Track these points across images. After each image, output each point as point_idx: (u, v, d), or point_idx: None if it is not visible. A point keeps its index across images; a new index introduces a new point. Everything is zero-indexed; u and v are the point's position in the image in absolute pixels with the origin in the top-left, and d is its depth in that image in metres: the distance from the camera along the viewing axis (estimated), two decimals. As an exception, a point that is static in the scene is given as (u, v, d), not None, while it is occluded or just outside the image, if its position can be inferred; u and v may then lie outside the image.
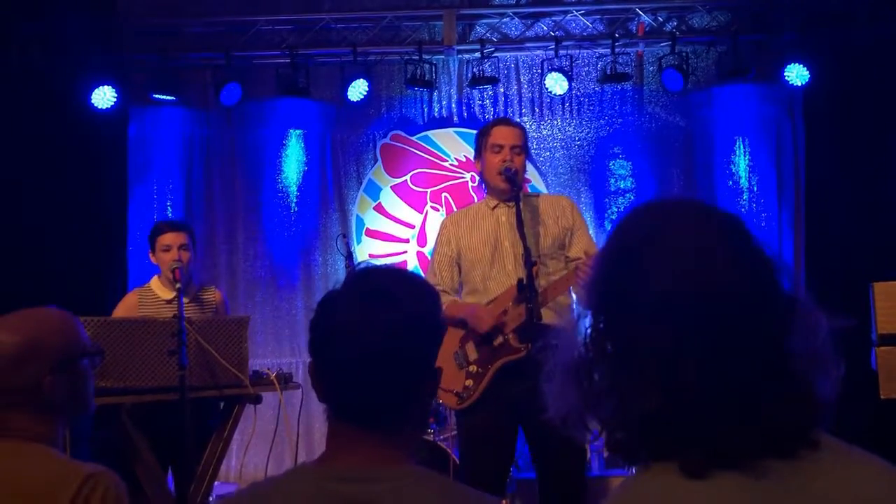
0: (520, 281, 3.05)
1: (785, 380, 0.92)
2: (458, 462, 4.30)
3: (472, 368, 3.22)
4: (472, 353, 3.23)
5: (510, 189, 3.26)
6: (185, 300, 3.95)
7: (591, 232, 5.79)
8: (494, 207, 3.39)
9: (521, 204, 3.19)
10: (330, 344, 1.34)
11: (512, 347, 3.17)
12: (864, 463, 0.93)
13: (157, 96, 5.78)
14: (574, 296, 3.26)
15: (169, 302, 3.96)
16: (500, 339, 3.19)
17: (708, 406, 0.90)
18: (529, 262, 3.04)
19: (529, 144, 3.57)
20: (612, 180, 6.08)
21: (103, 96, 5.66)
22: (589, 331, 0.99)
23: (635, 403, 0.92)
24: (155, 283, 4.07)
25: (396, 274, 1.42)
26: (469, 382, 3.21)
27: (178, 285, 3.66)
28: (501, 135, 3.37)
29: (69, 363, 1.74)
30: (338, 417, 1.35)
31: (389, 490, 1.27)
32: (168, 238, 3.95)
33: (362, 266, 1.45)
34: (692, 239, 0.96)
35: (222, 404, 3.73)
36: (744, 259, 0.95)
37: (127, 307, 3.99)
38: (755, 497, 0.88)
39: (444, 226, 3.49)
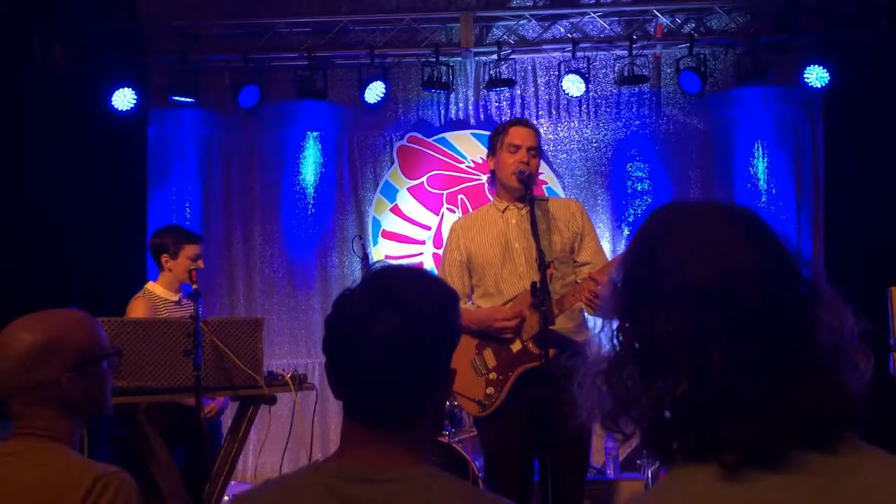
0: (533, 284, 3.04)
1: (812, 370, 0.91)
2: (472, 463, 4.31)
3: (492, 376, 3.20)
4: (491, 360, 3.22)
5: (523, 191, 3.26)
6: (184, 302, 4.08)
7: (607, 234, 5.91)
8: (504, 210, 3.38)
9: (534, 207, 3.19)
10: (342, 343, 1.34)
11: (532, 354, 3.15)
12: None
13: (176, 98, 5.84)
14: (585, 310, 3.24)
15: (177, 303, 4.19)
16: (519, 346, 3.19)
17: (737, 395, 0.90)
18: (543, 264, 3.03)
19: (546, 147, 3.57)
20: (630, 183, 6.05)
21: (123, 98, 5.73)
22: (616, 331, 1.00)
23: (666, 396, 0.92)
24: (155, 287, 4.22)
25: (412, 274, 1.41)
26: (490, 390, 3.19)
27: (195, 286, 3.69)
28: (519, 135, 3.36)
29: (89, 363, 1.76)
30: (350, 415, 1.34)
31: (399, 491, 1.26)
32: (194, 249, 4.19)
33: (379, 265, 1.44)
34: (712, 230, 0.98)
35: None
36: (764, 248, 0.96)
37: (144, 313, 4.08)
38: (793, 496, 0.88)
39: (453, 230, 3.48)
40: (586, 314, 3.30)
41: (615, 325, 1.01)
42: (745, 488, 0.88)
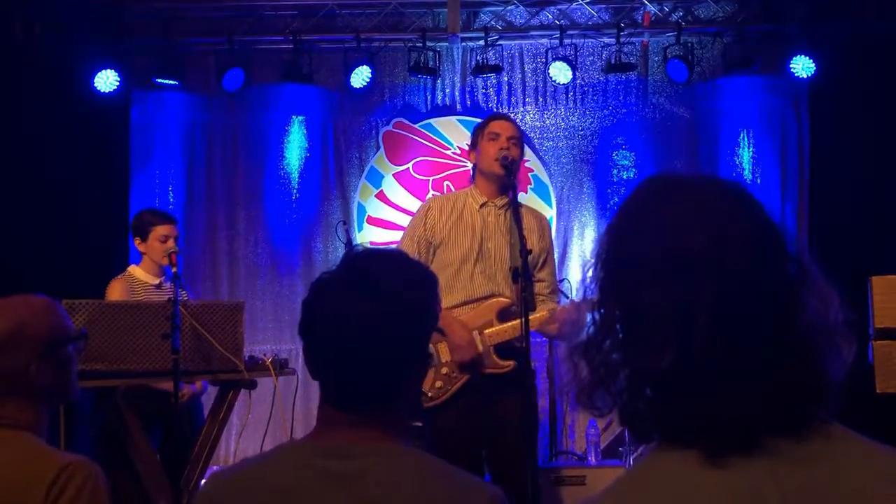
0: (515, 269, 3.05)
1: (796, 352, 0.89)
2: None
3: (444, 370, 3.21)
4: (445, 355, 3.22)
5: (505, 177, 3.26)
6: (165, 286, 4.03)
7: (592, 222, 5.93)
8: (482, 206, 3.37)
9: (510, 209, 3.23)
10: (317, 327, 1.34)
11: (490, 361, 3.19)
12: (879, 449, 0.91)
13: (159, 80, 5.78)
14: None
15: (157, 287, 4.08)
16: (479, 349, 3.22)
17: (719, 374, 0.88)
18: (525, 251, 3.04)
19: (532, 134, 3.59)
20: (615, 171, 6.05)
21: (106, 80, 5.66)
22: (598, 301, 0.97)
23: (647, 370, 0.90)
24: (136, 270, 4.15)
25: (391, 259, 1.41)
26: (439, 384, 3.20)
27: (174, 269, 3.66)
28: (499, 125, 3.40)
29: (55, 349, 1.74)
30: (326, 398, 1.35)
31: (374, 465, 1.28)
32: (165, 229, 4.06)
33: (358, 249, 1.43)
34: (701, 199, 0.95)
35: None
36: (753, 220, 0.94)
37: (120, 295, 4.02)
38: (770, 479, 0.87)
39: (429, 207, 3.45)
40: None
41: (597, 295, 0.98)
42: (723, 475, 0.87)
